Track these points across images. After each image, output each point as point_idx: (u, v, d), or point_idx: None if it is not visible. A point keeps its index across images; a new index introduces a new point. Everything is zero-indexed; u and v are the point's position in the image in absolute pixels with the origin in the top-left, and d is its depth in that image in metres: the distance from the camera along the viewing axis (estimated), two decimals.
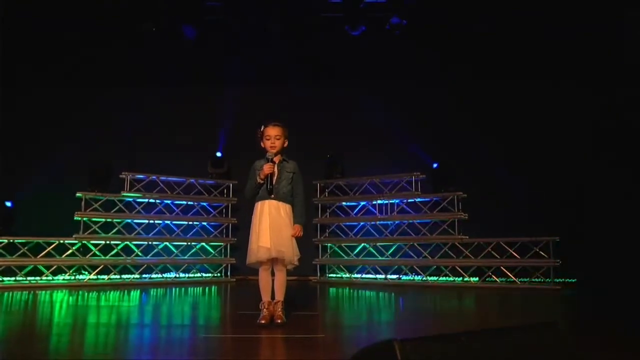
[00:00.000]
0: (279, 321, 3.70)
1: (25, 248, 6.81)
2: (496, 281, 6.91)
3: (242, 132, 8.14)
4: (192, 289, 7.00)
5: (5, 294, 6.02)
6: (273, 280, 3.87)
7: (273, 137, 3.87)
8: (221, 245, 8.08)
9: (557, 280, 6.60)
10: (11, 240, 6.75)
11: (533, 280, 6.71)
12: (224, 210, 8.23)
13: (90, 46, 7.89)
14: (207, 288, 7.17)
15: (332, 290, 6.94)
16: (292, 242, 3.74)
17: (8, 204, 7.14)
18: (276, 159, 3.87)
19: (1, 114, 7.62)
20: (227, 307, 5.35)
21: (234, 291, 6.94)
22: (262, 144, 3.95)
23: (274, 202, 3.78)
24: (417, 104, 7.85)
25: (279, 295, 3.83)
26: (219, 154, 8.23)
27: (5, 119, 7.69)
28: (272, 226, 3.70)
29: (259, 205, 3.82)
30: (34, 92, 7.94)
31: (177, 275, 7.70)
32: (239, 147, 8.16)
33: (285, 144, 3.95)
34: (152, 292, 6.48)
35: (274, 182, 3.79)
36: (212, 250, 8.04)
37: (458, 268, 7.08)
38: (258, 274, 3.87)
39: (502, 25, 7.41)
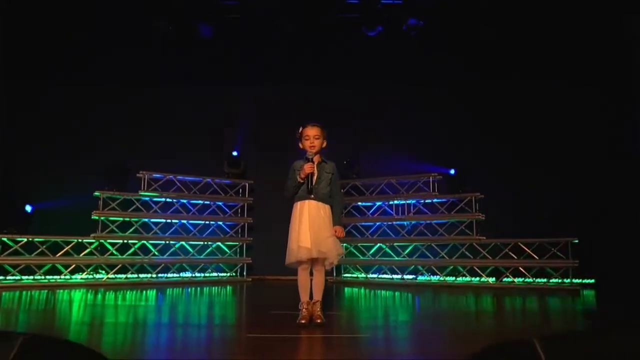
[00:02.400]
0: (318, 321, 3.71)
1: (44, 247, 6.78)
2: (514, 282, 6.96)
3: (259, 131, 8.23)
4: (209, 288, 7.00)
5: (24, 292, 6.01)
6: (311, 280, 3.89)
7: (312, 137, 3.88)
8: (237, 244, 8.08)
9: (576, 281, 6.66)
10: (30, 239, 6.71)
11: (551, 280, 6.76)
12: (239, 210, 8.23)
13: (107, 46, 7.86)
14: (224, 288, 7.17)
15: (351, 290, 6.95)
16: (332, 242, 3.75)
17: (28, 208, 7.10)
18: (315, 160, 3.88)
19: (19, 115, 7.62)
20: (257, 307, 5.35)
21: (253, 291, 6.95)
22: (300, 144, 3.97)
23: (313, 202, 3.79)
24: (434, 104, 7.88)
25: (317, 295, 3.84)
26: (235, 154, 8.20)
27: (23, 119, 7.68)
28: (313, 226, 3.71)
29: (298, 205, 3.83)
30: (51, 92, 7.92)
31: (194, 275, 7.70)
32: (256, 147, 8.20)
33: (324, 145, 3.96)
34: (172, 292, 6.48)
35: (313, 182, 3.81)
36: (227, 250, 8.03)
37: (476, 268, 7.12)
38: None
39: (520, 26, 7.46)
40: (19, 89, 7.72)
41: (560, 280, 6.72)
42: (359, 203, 8.05)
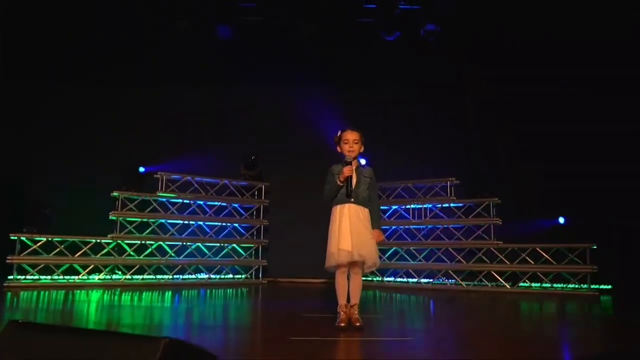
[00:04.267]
0: (357, 324, 3.73)
1: (62, 246, 6.75)
2: (531, 286, 7.00)
3: (275, 133, 8.25)
4: (225, 290, 7.01)
5: (43, 292, 6.01)
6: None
7: (351, 141, 3.93)
8: (252, 246, 8.08)
9: (594, 287, 6.71)
10: (49, 239, 6.68)
11: (569, 286, 6.80)
12: (254, 212, 8.23)
13: (123, 45, 7.85)
14: (240, 290, 7.18)
15: (365, 293, 6.89)
16: (372, 245, 3.78)
17: (46, 211, 7.08)
18: (353, 164, 3.90)
19: (37, 115, 7.62)
20: (286, 310, 5.33)
21: (271, 293, 6.95)
22: (338, 148, 4.00)
23: (353, 206, 3.82)
24: (452, 109, 7.93)
25: (355, 299, 3.87)
26: (253, 157, 8.18)
27: (40, 119, 7.67)
28: (353, 230, 3.73)
29: (338, 209, 3.85)
30: (66, 91, 7.91)
31: (210, 277, 7.69)
32: (272, 148, 8.22)
33: (362, 149, 4.00)
34: (191, 293, 6.48)
35: (353, 185, 3.83)
36: (243, 252, 8.03)
37: (494, 273, 7.15)
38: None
39: (537, 32, 7.52)
40: (37, 90, 7.73)
41: (577, 286, 6.76)
42: None
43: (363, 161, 7.60)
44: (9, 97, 7.49)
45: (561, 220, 7.13)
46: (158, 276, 7.35)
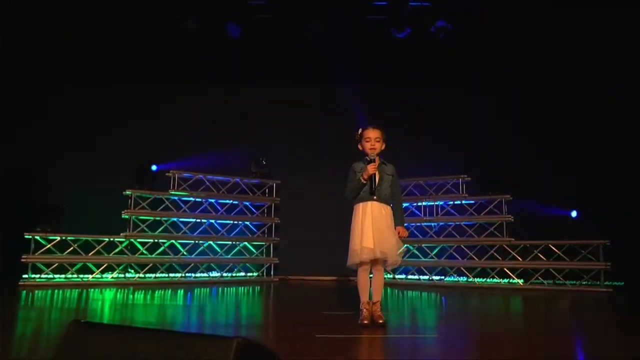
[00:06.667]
0: (380, 321, 3.74)
1: (76, 245, 6.76)
2: (544, 283, 7.00)
3: (286, 131, 8.25)
4: (238, 288, 7.02)
5: (57, 290, 6.03)
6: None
7: (373, 139, 3.93)
8: (263, 244, 8.09)
9: (607, 283, 6.71)
10: (63, 238, 6.69)
11: (582, 283, 6.81)
12: (265, 210, 8.23)
13: (136, 43, 7.86)
14: (252, 288, 7.20)
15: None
16: (395, 243, 3.78)
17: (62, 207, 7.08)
18: (376, 161, 3.90)
19: (49, 114, 7.62)
20: (305, 307, 5.35)
21: (285, 291, 6.97)
22: (359, 146, 4.00)
23: (376, 203, 3.82)
24: (464, 107, 7.93)
25: (377, 296, 3.88)
26: (264, 161, 8.18)
27: (53, 118, 7.68)
28: (376, 227, 3.74)
29: (360, 206, 3.85)
30: (74, 90, 7.90)
31: (222, 275, 7.70)
32: (282, 146, 8.22)
33: (383, 147, 3.99)
34: (205, 292, 6.50)
35: (376, 183, 3.83)
36: (254, 250, 8.04)
37: (507, 270, 7.16)
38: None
39: (548, 29, 7.52)
40: (48, 89, 7.74)
41: (590, 283, 6.76)
42: None
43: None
44: (13, 97, 7.45)
45: (573, 213, 7.13)
46: (171, 274, 7.37)
